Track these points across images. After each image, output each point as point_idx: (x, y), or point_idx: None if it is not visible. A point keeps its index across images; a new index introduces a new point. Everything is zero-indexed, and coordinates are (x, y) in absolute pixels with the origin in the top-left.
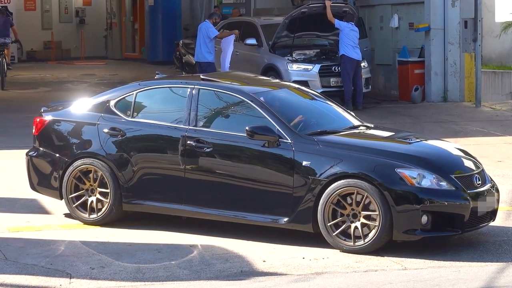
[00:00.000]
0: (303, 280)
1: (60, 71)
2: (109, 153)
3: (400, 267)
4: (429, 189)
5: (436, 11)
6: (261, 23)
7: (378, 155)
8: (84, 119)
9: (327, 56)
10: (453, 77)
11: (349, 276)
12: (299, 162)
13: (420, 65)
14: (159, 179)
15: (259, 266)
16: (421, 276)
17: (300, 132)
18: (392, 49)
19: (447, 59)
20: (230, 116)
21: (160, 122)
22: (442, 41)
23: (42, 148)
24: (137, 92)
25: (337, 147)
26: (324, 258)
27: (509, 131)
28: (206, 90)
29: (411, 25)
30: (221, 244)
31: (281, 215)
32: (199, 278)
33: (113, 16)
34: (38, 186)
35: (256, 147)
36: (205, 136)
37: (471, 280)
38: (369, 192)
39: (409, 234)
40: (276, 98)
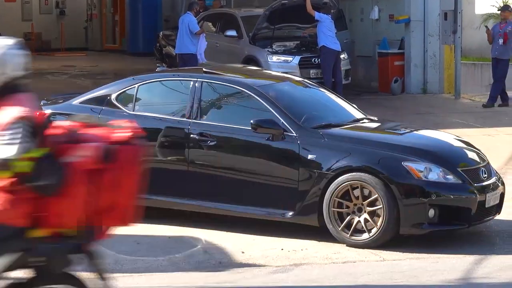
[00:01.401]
0: (281, 271)
1: (40, 63)
2: None
3: (379, 258)
4: (436, 183)
5: (416, 3)
6: (242, 14)
7: (384, 148)
8: (85, 112)
9: (307, 47)
10: (432, 69)
11: (327, 267)
12: (305, 155)
13: (400, 57)
14: (162, 172)
15: (238, 257)
16: (399, 267)
17: (305, 125)
18: (372, 41)
19: (426, 51)
20: (234, 109)
21: (162, 115)
22: (422, 33)
23: None
24: (139, 85)
25: (342, 141)
26: (303, 249)
27: (489, 123)
28: (209, 83)
29: (391, 17)
30: (199, 235)
31: (286, 209)
32: (178, 269)
33: (93, 8)
34: None
35: (261, 140)
36: (208, 130)
37: (449, 271)
38: (375, 186)
39: (416, 228)
40: (279, 91)
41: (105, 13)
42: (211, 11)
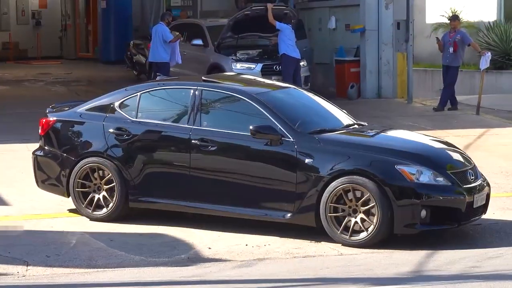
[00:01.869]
0: (246, 266)
1: (18, 71)
2: (115, 152)
3: (337, 253)
4: (427, 185)
5: (370, 13)
6: (207, 24)
7: (378, 152)
8: (90, 119)
9: (269, 55)
10: (386, 75)
11: (289, 261)
12: (302, 159)
13: (355, 64)
14: (165, 176)
15: (205, 252)
16: (355, 261)
17: (301, 131)
18: (329, 49)
19: (381, 58)
20: (233, 116)
21: (165, 122)
22: (376, 41)
23: (48, 148)
24: (141, 93)
25: (338, 145)
26: (266, 244)
27: (439, 125)
28: (209, 91)
29: (348, 26)
30: (170, 232)
31: (285, 211)
32: (149, 264)
33: (67, 18)
34: (44, 183)
35: (260, 145)
36: (209, 135)
37: (402, 264)
38: (369, 188)
39: (409, 228)
40: (276, 98)
41: (78, 24)
42: (179, 21)
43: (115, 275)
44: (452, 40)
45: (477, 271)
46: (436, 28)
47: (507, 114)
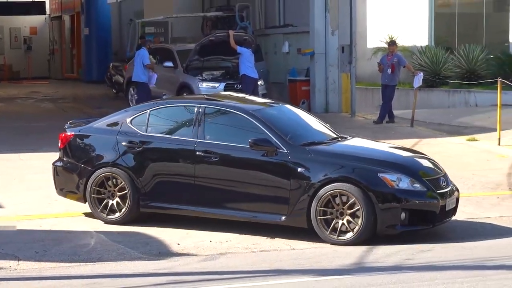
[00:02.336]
0: (210, 259)
1: (11, 89)
2: (127, 162)
3: (289, 248)
4: (406, 190)
5: (319, 39)
6: (177, 49)
7: (362, 162)
8: (105, 134)
9: (231, 75)
10: (333, 92)
11: (247, 255)
12: (295, 168)
13: (306, 83)
14: (173, 184)
15: (174, 248)
16: (305, 255)
17: (294, 143)
18: (283, 70)
19: (328, 78)
20: (233, 130)
21: (172, 136)
22: (324, 63)
23: (67, 159)
24: (150, 110)
25: (327, 156)
26: (228, 241)
27: (379, 136)
28: (211, 108)
29: (299, 50)
30: (143, 231)
31: (280, 214)
32: (125, 259)
33: (55, 43)
34: (63, 191)
35: (257, 156)
36: (212, 147)
37: (345, 257)
38: (355, 194)
39: (390, 228)
40: (270, 114)
41: (64, 48)
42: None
43: (95, 268)
44: (390, 63)
45: (411, 263)
46: (376, 52)
47: (437, 126)
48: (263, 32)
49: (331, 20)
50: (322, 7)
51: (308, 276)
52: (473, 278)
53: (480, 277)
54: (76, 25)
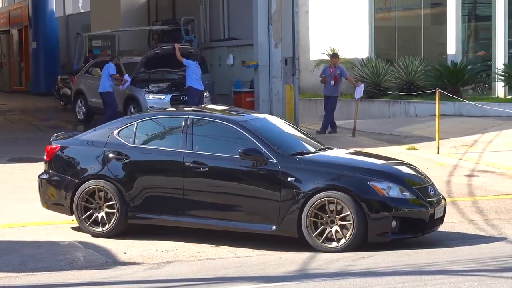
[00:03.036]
0: (156, 268)
1: None
2: (115, 174)
3: (234, 255)
4: (396, 199)
5: (263, 51)
6: (124, 61)
7: (351, 170)
8: (91, 146)
9: (177, 87)
10: (277, 103)
11: (193, 263)
12: (285, 178)
13: (250, 94)
14: (161, 195)
15: (121, 257)
16: (250, 262)
17: (283, 153)
18: (228, 82)
19: (272, 89)
20: (221, 141)
21: (160, 147)
22: (267, 75)
23: (53, 172)
24: (137, 122)
25: (317, 165)
26: (173, 249)
27: None
28: (199, 119)
29: (243, 62)
30: (91, 240)
31: (270, 223)
32: (72, 268)
33: (3, 57)
34: (48, 204)
35: (247, 166)
36: (200, 158)
37: (289, 264)
38: (346, 202)
39: (381, 236)
40: (257, 125)
41: (13, 61)
42: (99, 58)
43: (43, 278)
44: (333, 75)
45: (353, 269)
46: (319, 64)
47: (378, 135)
48: (208, 45)
49: (274, 33)
50: (265, 20)
51: (252, 283)
52: (412, 283)
53: (419, 282)
54: (24, 38)
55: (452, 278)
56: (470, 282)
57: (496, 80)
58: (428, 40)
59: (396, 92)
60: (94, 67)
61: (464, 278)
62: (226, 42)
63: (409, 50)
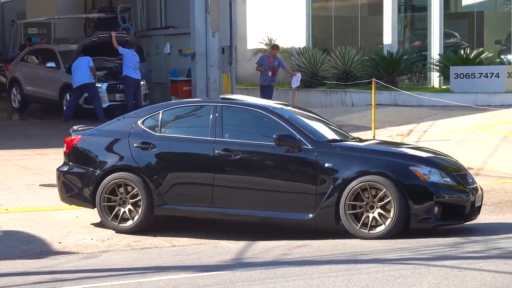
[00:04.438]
0: (91, 257)
1: None
2: (140, 164)
3: (170, 245)
4: (438, 184)
5: (200, 40)
6: (59, 49)
7: (391, 156)
8: (115, 136)
9: (113, 76)
10: (214, 92)
11: (128, 253)
12: (322, 164)
13: (188, 83)
14: (190, 185)
15: (56, 246)
16: (186, 251)
17: (318, 139)
18: (165, 71)
19: (209, 78)
20: (252, 128)
21: (188, 136)
22: (205, 64)
23: (73, 163)
24: (162, 111)
25: (354, 151)
26: (109, 239)
27: None
28: (229, 107)
29: (180, 51)
30: (25, 229)
31: (306, 212)
32: (6, 258)
33: None
34: (68, 198)
35: (280, 153)
36: (232, 146)
37: (225, 253)
38: (387, 187)
39: (423, 222)
40: (289, 112)
41: None
42: (35, 46)
43: None
44: (271, 66)
45: (288, 258)
46: (256, 53)
47: None
48: (145, 33)
49: (211, 21)
50: (202, 9)
51: (188, 272)
52: (347, 271)
53: (353, 270)
54: None
55: (386, 266)
56: (403, 271)
57: (432, 70)
58: (364, 30)
59: (333, 82)
60: (29, 54)
61: (398, 266)
62: (163, 31)
63: (346, 39)
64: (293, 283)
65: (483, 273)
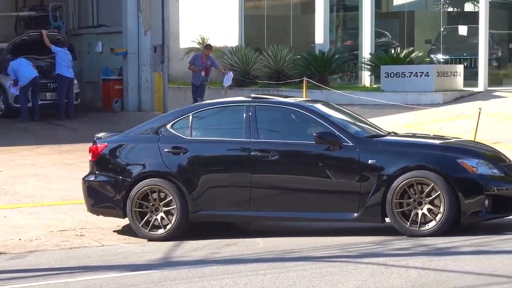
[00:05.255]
0: (18, 257)
1: None
2: (172, 169)
3: (99, 244)
4: (486, 176)
5: (132, 39)
6: None
7: (436, 149)
8: (143, 142)
9: (44, 74)
10: (146, 91)
11: (57, 252)
12: (365, 161)
13: (119, 82)
14: (226, 189)
15: None
16: (114, 251)
17: (358, 136)
18: (97, 69)
19: (141, 77)
20: (288, 127)
21: (221, 138)
22: (136, 63)
23: (100, 172)
24: (192, 113)
25: (397, 146)
26: (37, 239)
27: None
28: (262, 106)
29: (112, 50)
30: None
31: (351, 211)
32: None
33: None
34: (96, 207)
35: (321, 151)
36: (268, 146)
37: (153, 252)
38: (435, 182)
39: (475, 216)
40: (324, 109)
41: None
42: None
43: None
44: (204, 65)
45: (217, 257)
46: (189, 52)
47: None
48: (77, 32)
49: (144, 20)
50: (134, 8)
51: (116, 272)
52: (274, 269)
53: (281, 268)
54: None
55: (313, 264)
56: (331, 268)
57: (363, 69)
58: (297, 29)
59: (265, 81)
60: None
61: (325, 264)
62: (95, 29)
63: (278, 39)
64: (220, 281)
65: (409, 270)
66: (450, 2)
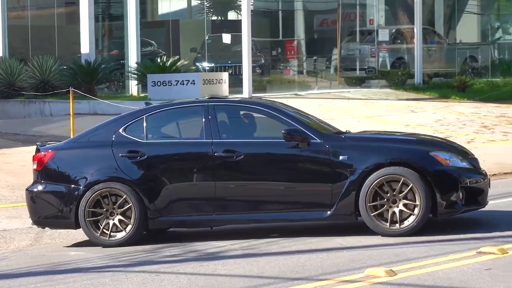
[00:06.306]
0: None
1: None
2: (129, 175)
3: None
4: (459, 168)
5: None
6: None
7: (408, 143)
8: (95, 147)
9: None
10: None
11: None
12: (335, 158)
13: None
14: (188, 192)
15: None
16: None
17: (325, 132)
18: None
19: None
20: (250, 126)
21: (180, 140)
22: None
23: (46, 181)
24: (146, 116)
25: (367, 141)
26: None
27: None
28: (222, 106)
29: None
30: None
31: (324, 209)
32: None
33: None
34: (43, 219)
35: (288, 150)
36: (232, 146)
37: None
38: (409, 177)
39: (450, 209)
40: (283, 108)
41: None
42: None
43: None
44: None
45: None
46: None
47: (12, 136)
48: None
49: None
50: None
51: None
52: (45, 283)
53: (52, 281)
54: None
55: (85, 275)
56: (103, 279)
57: (130, 78)
58: (62, 39)
59: (31, 92)
60: None
61: (97, 274)
62: None
63: (43, 49)
64: None
65: (180, 276)
66: (214, 10)
